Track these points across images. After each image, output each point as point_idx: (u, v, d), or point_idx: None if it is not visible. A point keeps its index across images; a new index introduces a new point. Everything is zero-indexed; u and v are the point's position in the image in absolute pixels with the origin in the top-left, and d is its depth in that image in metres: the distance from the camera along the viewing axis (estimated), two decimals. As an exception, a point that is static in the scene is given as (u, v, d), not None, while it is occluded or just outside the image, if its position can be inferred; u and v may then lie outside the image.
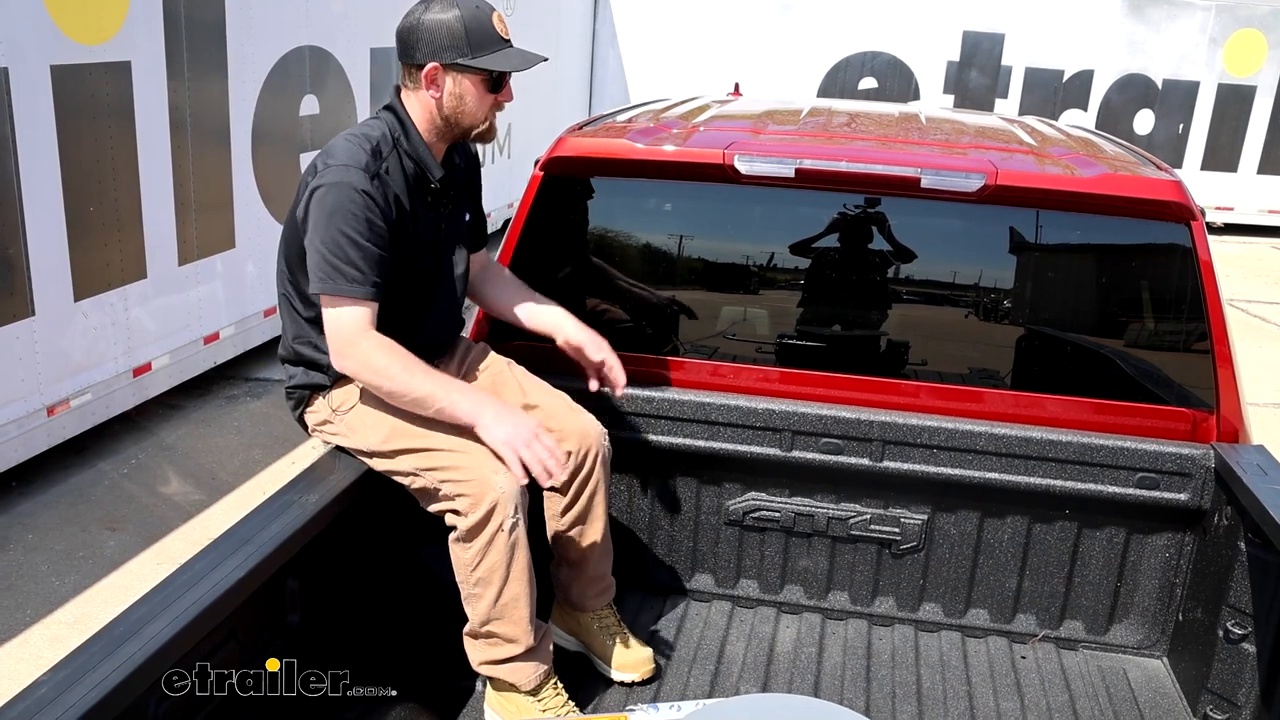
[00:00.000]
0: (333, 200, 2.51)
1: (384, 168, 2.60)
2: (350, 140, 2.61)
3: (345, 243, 2.50)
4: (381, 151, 2.61)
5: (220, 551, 2.25)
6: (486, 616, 2.65)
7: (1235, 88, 13.48)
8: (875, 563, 3.30)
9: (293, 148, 7.09)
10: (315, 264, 2.54)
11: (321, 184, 2.54)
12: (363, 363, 2.56)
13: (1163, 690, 3.06)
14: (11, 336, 4.91)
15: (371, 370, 2.56)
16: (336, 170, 2.53)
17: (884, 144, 3.37)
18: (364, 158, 2.56)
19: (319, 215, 2.53)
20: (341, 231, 2.50)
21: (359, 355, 2.55)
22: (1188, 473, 3.03)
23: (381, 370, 2.55)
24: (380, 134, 2.65)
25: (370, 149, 2.59)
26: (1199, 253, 3.03)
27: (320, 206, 2.53)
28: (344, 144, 2.60)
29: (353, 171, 2.52)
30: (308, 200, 2.56)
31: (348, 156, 2.56)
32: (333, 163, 2.56)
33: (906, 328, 3.27)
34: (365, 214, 2.51)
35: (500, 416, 2.57)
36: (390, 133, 2.67)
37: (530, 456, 2.53)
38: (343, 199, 2.51)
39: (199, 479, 5.62)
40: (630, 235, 3.38)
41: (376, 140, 2.62)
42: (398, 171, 2.64)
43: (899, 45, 13.63)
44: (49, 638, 4.21)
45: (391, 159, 2.63)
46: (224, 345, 6.64)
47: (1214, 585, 2.94)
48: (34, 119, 4.87)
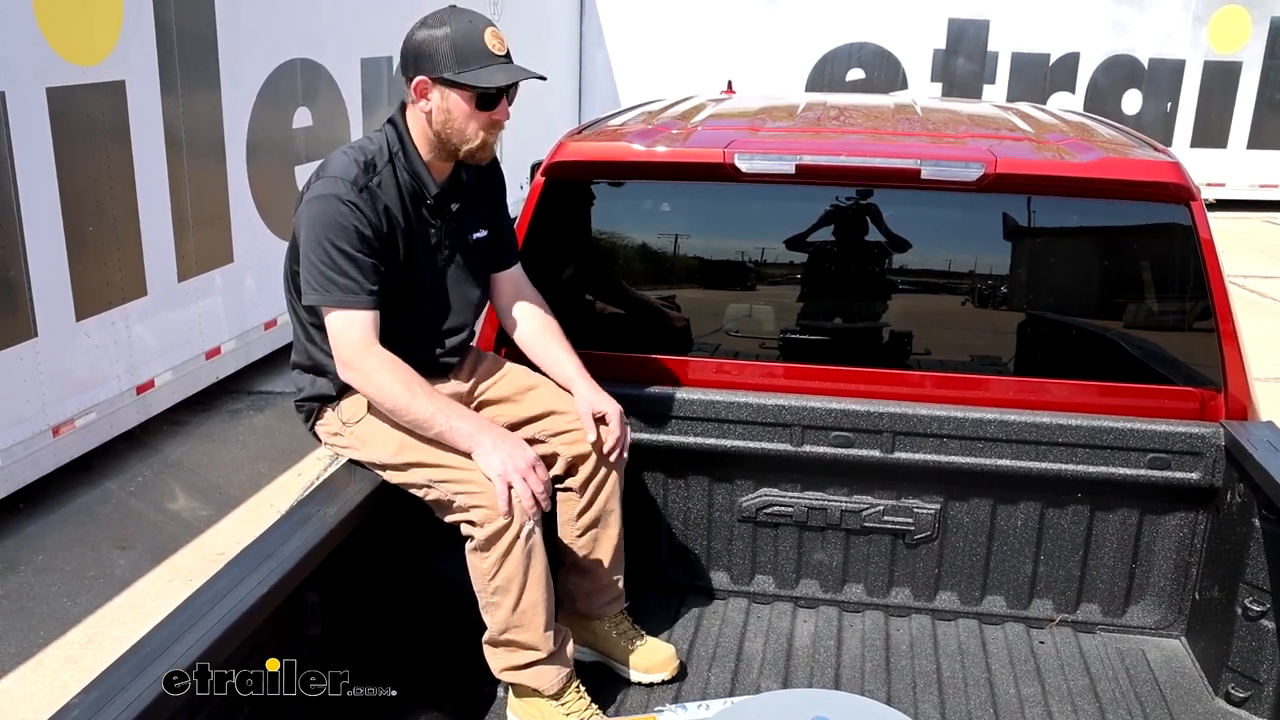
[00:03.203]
0: (319, 212, 2.53)
1: (375, 180, 2.60)
2: (345, 154, 2.63)
3: (336, 254, 2.51)
4: (375, 164, 2.62)
5: (243, 568, 2.26)
6: (506, 624, 2.65)
7: (1221, 64, 13.51)
8: (890, 554, 3.31)
9: (287, 160, 7.10)
10: (309, 276, 2.56)
11: (310, 197, 2.56)
12: (366, 378, 2.57)
13: (1183, 670, 3.07)
14: (15, 358, 4.91)
15: (374, 386, 2.57)
16: (325, 183, 2.56)
17: (882, 136, 3.39)
18: (354, 170, 2.57)
19: (308, 228, 2.55)
20: (331, 243, 2.51)
21: (363, 370, 2.56)
22: (1198, 452, 3.04)
23: (384, 388, 2.56)
24: (377, 147, 2.66)
25: (364, 162, 2.60)
26: (1200, 232, 3.04)
27: (309, 219, 2.55)
28: (339, 157, 2.62)
29: (340, 184, 2.54)
30: (300, 212, 2.59)
31: (339, 169, 2.58)
32: (324, 175, 2.58)
33: (911, 318, 3.28)
34: (353, 224, 2.52)
35: (497, 445, 2.55)
36: (388, 146, 2.67)
37: (521, 490, 2.52)
38: (329, 210, 2.52)
39: (206, 494, 5.62)
40: (633, 237, 3.39)
41: (372, 153, 2.63)
42: (391, 185, 2.64)
43: (885, 35, 13.66)
44: (63, 658, 4.21)
45: (385, 172, 2.64)
46: (226, 360, 6.63)
47: (1229, 563, 2.96)
48: (31, 141, 4.87)
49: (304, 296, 2.58)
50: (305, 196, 2.58)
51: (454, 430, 2.56)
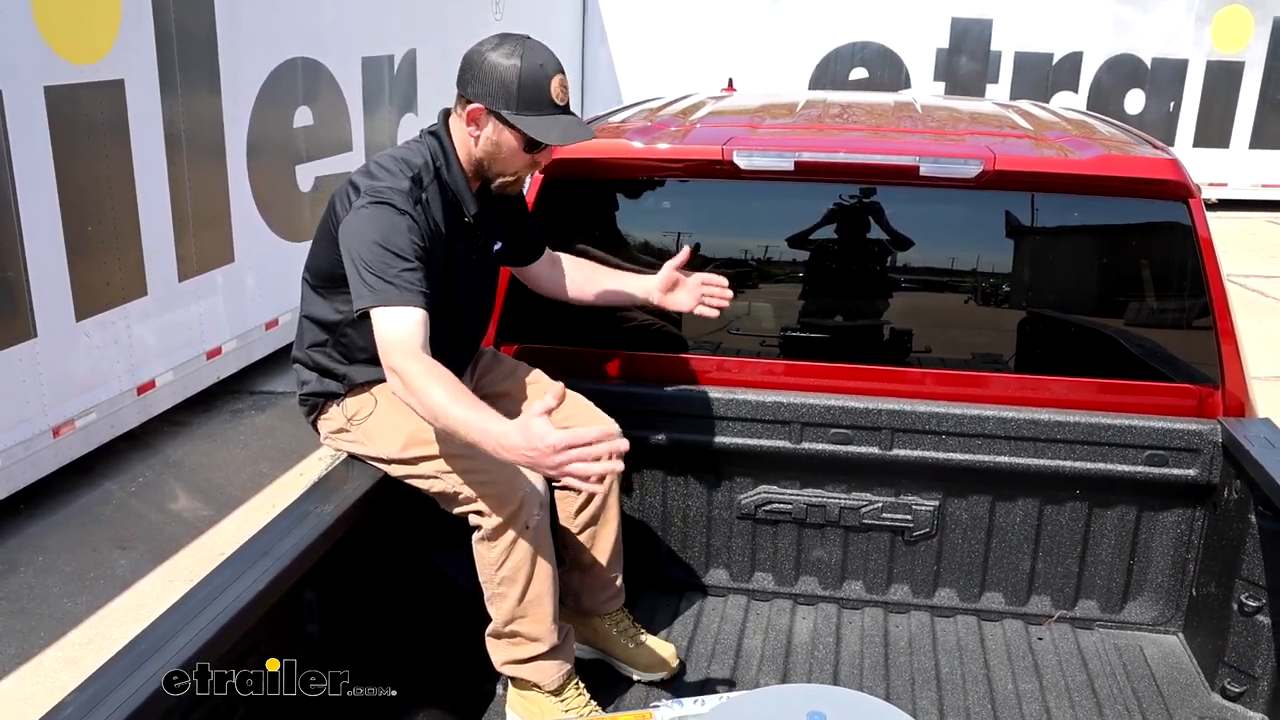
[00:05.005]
0: (375, 219, 2.47)
1: (424, 195, 2.58)
2: (390, 165, 2.58)
3: (393, 258, 2.44)
4: (423, 180, 2.59)
5: (239, 565, 2.26)
6: (511, 615, 2.65)
7: (1224, 64, 13.48)
8: (889, 551, 3.31)
9: (288, 160, 7.10)
10: (363, 281, 2.46)
11: (362, 204, 2.50)
12: (411, 387, 2.39)
13: (1180, 665, 3.07)
14: (15, 359, 4.91)
15: (419, 393, 2.38)
16: (380, 193, 2.50)
17: (881, 133, 3.39)
18: (406, 184, 2.53)
19: (360, 235, 2.47)
20: (386, 249, 2.44)
21: (410, 381, 2.39)
22: (1196, 448, 3.04)
23: (431, 397, 2.37)
24: (423, 161, 2.62)
25: (412, 176, 2.56)
26: (1198, 229, 3.04)
27: (361, 226, 2.48)
28: (385, 168, 2.58)
29: (396, 194, 2.50)
30: (350, 219, 2.51)
31: (390, 180, 2.53)
32: (375, 185, 2.52)
33: (910, 316, 3.28)
34: (408, 235, 2.47)
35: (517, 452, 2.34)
36: (432, 159, 2.64)
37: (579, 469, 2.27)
38: (387, 218, 2.47)
39: (207, 495, 5.62)
40: (631, 234, 3.39)
41: (419, 168, 2.59)
42: (436, 199, 2.62)
43: (888, 34, 13.64)
44: (64, 659, 4.21)
45: (432, 188, 2.61)
46: (227, 360, 6.63)
47: (1226, 559, 2.95)
48: (30, 141, 4.87)
49: (356, 302, 2.47)
50: (355, 204, 2.51)
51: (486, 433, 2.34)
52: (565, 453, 2.23)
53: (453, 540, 2.70)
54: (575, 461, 2.23)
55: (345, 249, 2.51)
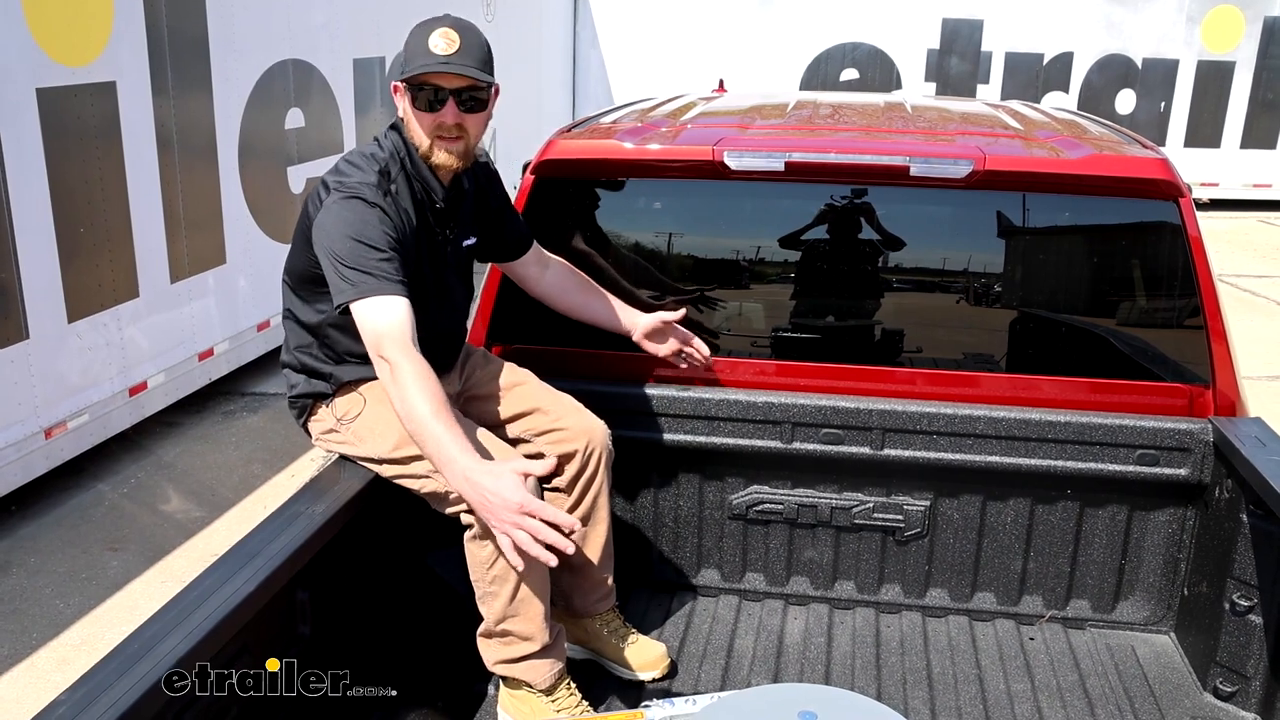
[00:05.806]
0: (346, 214, 2.50)
1: (393, 187, 2.60)
2: (359, 161, 2.62)
3: (368, 250, 2.47)
4: (390, 172, 2.62)
5: (229, 566, 2.25)
6: (502, 614, 2.65)
7: (1214, 64, 13.54)
8: (880, 551, 3.31)
9: (280, 161, 7.10)
10: (340, 276, 2.47)
11: (333, 201, 2.53)
12: (396, 374, 2.41)
13: (1171, 665, 3.08)
14: (6, 360, 4.91)
15: (399, 386, 2.41)
16: (349, 188, 2.53)
17: (871, 134, 3.39)
18: (374, 177, 2.57)
19: (332, 231, 2.50)
20: (361, 242, 2.47)
21: (397, 376, 2.40)
22: (1187, 448, 3.05)
23: (408, 392, 2.40)
24: (388, 154, 2.65)
25: (379, 169, 2.59)
26: (1188, 229, 3.05)
27: (333, 223, 2.50)
28: (353, 165, 2.61)
29: (365, 188, 2.53)
30: (321, 217, 2.54)
31: (359, 175, 2.57)
32: (344, 181, 2.56)
33: (902, 316, 3.29)
34: (380, 226, 2.50)
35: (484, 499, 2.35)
36: (396, 152, 2.66)
37: (522, 537, 2.29)
38: (358, 212, 2.50)
39: (199, 496, 5.61)
40: (622, 235, 3.39)
41: (384, 160, 2.62)
42: (405, 191, 2.65)
43: (879, 35, 13.68)
44: (56, 660, 4.21)
45: (400, 180, 2.64)
46: (219, 361, 6.63)
47: (1218, 559, 2.96)
48: (21, 143, 4.87)
49: (336, 298, 2.49)
50: (326, 202, 2.54)
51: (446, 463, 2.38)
52: (520, 518, 2.28)
53: (445, 540, 2.70)
54: (521, 530, 2.28)
55: (320, 247, 2.54)
